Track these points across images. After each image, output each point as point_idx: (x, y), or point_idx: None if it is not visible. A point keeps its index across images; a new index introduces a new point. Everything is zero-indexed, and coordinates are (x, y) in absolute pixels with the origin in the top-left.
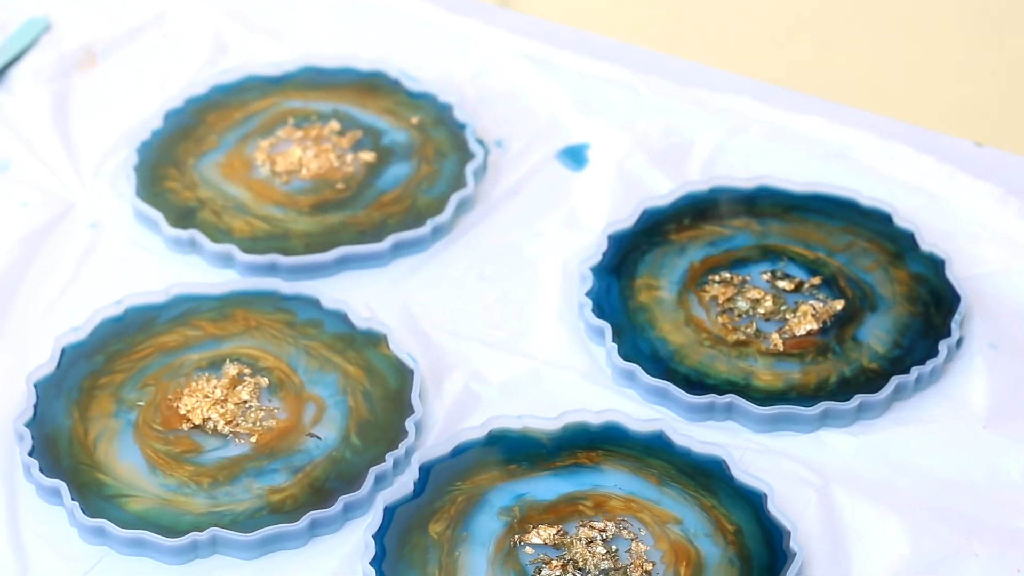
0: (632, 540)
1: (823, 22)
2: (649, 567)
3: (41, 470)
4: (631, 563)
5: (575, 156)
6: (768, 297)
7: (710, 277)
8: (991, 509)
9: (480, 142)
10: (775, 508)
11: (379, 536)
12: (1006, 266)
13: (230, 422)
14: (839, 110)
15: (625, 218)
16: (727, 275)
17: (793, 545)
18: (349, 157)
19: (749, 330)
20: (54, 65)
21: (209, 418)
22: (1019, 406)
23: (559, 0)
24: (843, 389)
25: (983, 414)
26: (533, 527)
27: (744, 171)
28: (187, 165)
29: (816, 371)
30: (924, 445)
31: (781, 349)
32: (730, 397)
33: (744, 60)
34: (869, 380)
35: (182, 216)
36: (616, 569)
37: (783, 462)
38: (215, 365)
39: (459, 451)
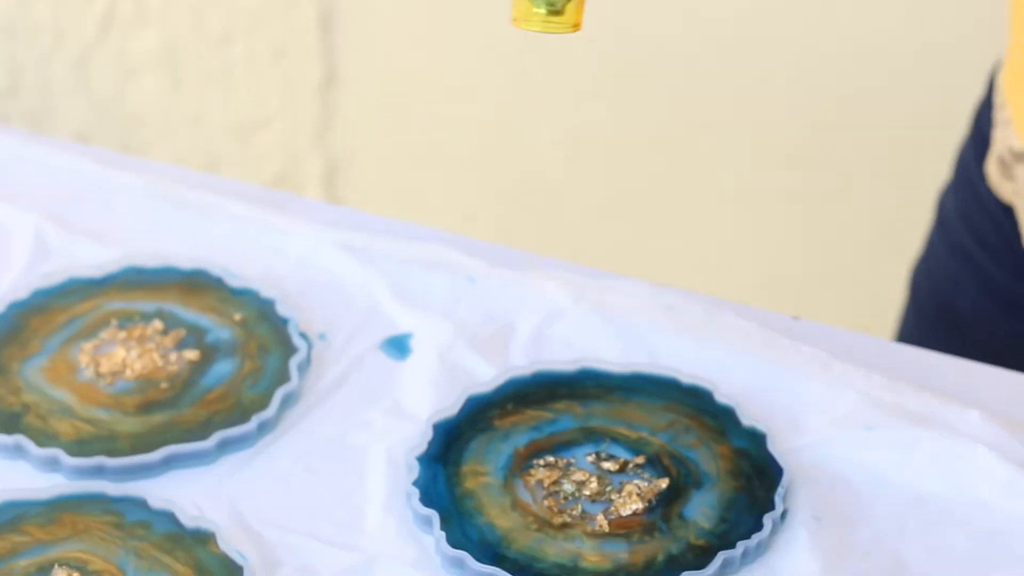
0: None
1: (637, 202)
2: None
3: None
4: None
5: (398, 346)
6: (593, 479)
7: (535, 461)
8: None
9: (303, 336)
10: None
11: None
12: (827, 436)
13: None
14: (660, 289)
15: (449, 406)
16: (551, 459)
17: None
18: (173, 356)
19: (575, 512)
20: None
21: None
22: None
23: (380, 193)
24: (671, 567)
25: None
26: None
27: (566, 353)
28: (11, 370)
29: (643, 550)
30: None
31: (607, 530)
32: None
33: (562, 243)
34: (696, 556)
35: (7, 421)
36: None
37: None
38: (43, 570)
39: None
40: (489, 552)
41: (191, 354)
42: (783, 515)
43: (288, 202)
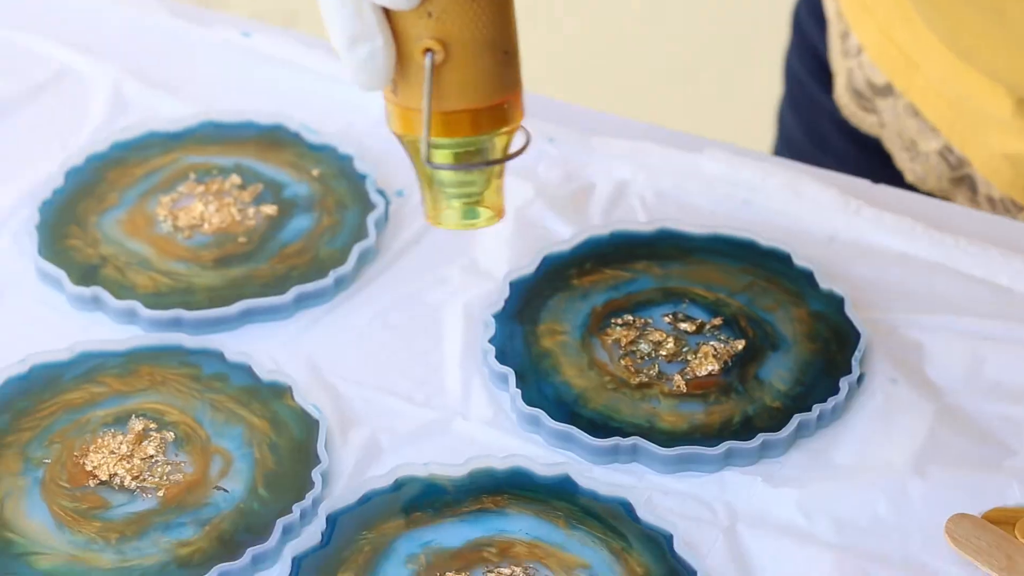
0: None
1: (720, 63)
2: None
3: None
4: None
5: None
6: (670, 339)
7: (612, 320)
8: (896, 544)
9: (381, 192)
10: (681, 549)
11: None
12: (906, 301)
13: (136, 477)
14: (741, 153)
15: (526, 265)
16: (629, 318)
17: None
18: (251, 210)
19: (652, 372)
20: None
21: (115, 474)
22: (920, 441)
23: None
24: (746, 429)
25: (885, 450)
26: (440, 574)
27: (644, 215)
28: (89, 223)
29: (719, 411)
30: (827, 482)
31: (684, 390)
32: (634, 439)
33: (642, 105)
34: (772, 419)
35: (85, 273)
36: None
37: (689, 503)
38: (121, 421)
39: (365, 500)
40: (565, 410)
41: (269, 208)
42: (860, 379)
43: None
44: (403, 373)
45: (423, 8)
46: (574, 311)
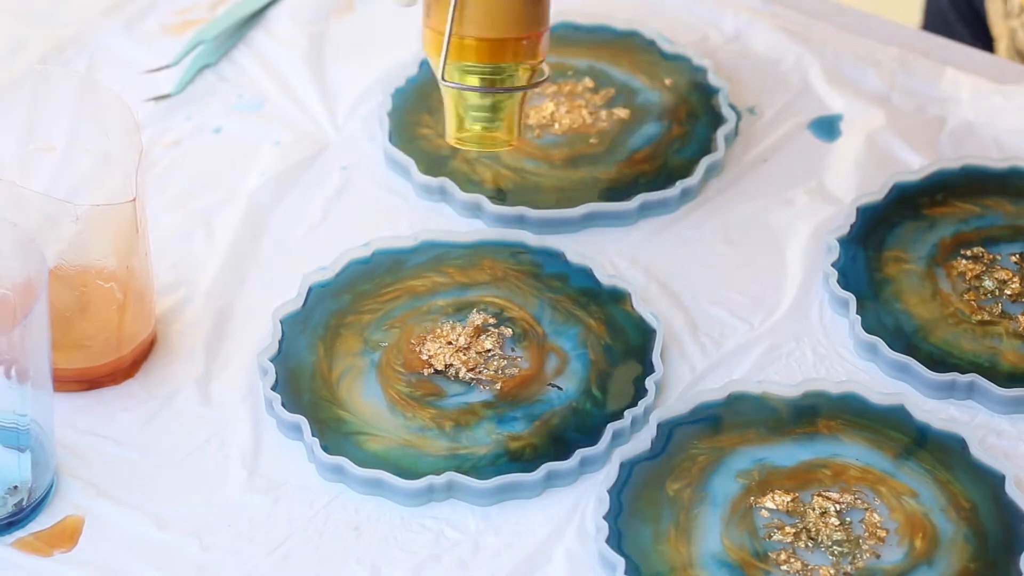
0: (867, 511)
1: None
2: (883, 534)
3: (283, 405)
4: (864, 534)
5: (827, 127)
6: (1016, 278)
7: (961, 251)
8: None
9: (732, 107)
10: (1013, 490)
11: (615, 492)
12: None
13: (472, 369)
14: None
15: (875, 191)
16: (979, 250)
17: None
18: (603, 113)
19: (995, 310)
20: (313, 8)
21: (451, 364)
22: None
23: None
24: None
25: None
26: (770, 491)
27: (996, 151)
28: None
29: None
30: None
31: None
32: (972, 376)
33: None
34: None
35: (434, 163)
36: (848, 540)
37: None
38: (461, 312)
39: (698, 412)
40: (903, 341)
41: (621, 112)
42: None
43: None
44: (742, 291)
45: None
46: (922, 240)
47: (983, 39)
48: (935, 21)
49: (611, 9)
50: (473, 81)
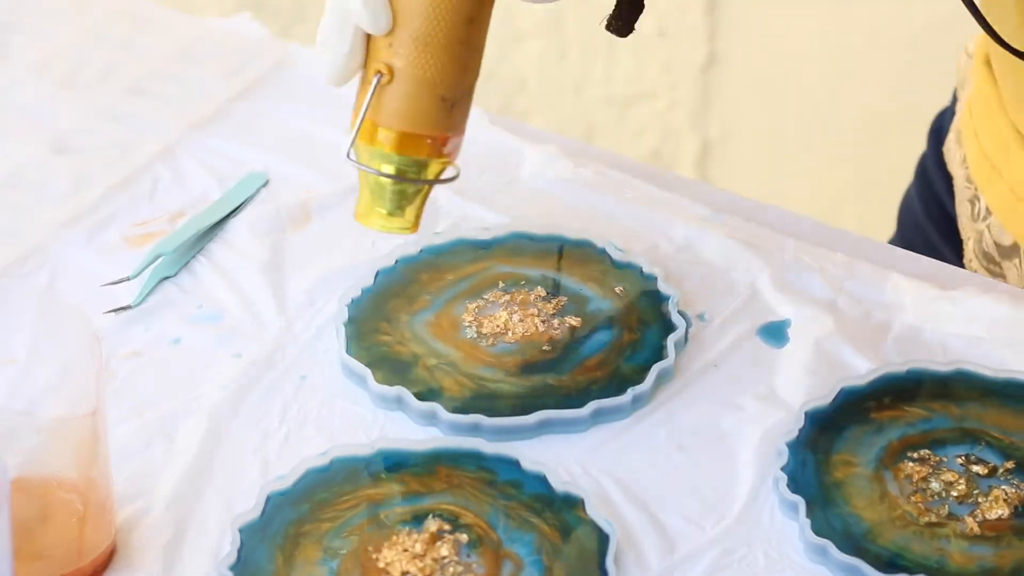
0: None
1: None
2: None
3: None
4: None
5: (776, 333)
6: (962, 480)
7: (908, 454)
8: None
9: (682, 314)
10: None
11: None
12: None
13: None
14: None
15: (823, 396)
16: (926, 453)
17: None
18: (555, 321)
19: (942, 512)
20: (271, 220)
21: (407, 572)
22: None
23: (755, 177)
24: None
25: None
26: None
27: (942, 355)
28: (400, 321)
29: (1011, 555)
30: None
31: (977, 532)
32: None
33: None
34: None
35: (393, 371)
36: None
37: None
38: (418, 519)
39: None
40: (853, 543)
41: (573, 320)
42: None
43: (675, 182)
44: (694, 495)
45: (387, 38)
46: (869, 444)
47: (953, 241)
48: (907, 223)
49: (564, 219)
50: (386, 166)
